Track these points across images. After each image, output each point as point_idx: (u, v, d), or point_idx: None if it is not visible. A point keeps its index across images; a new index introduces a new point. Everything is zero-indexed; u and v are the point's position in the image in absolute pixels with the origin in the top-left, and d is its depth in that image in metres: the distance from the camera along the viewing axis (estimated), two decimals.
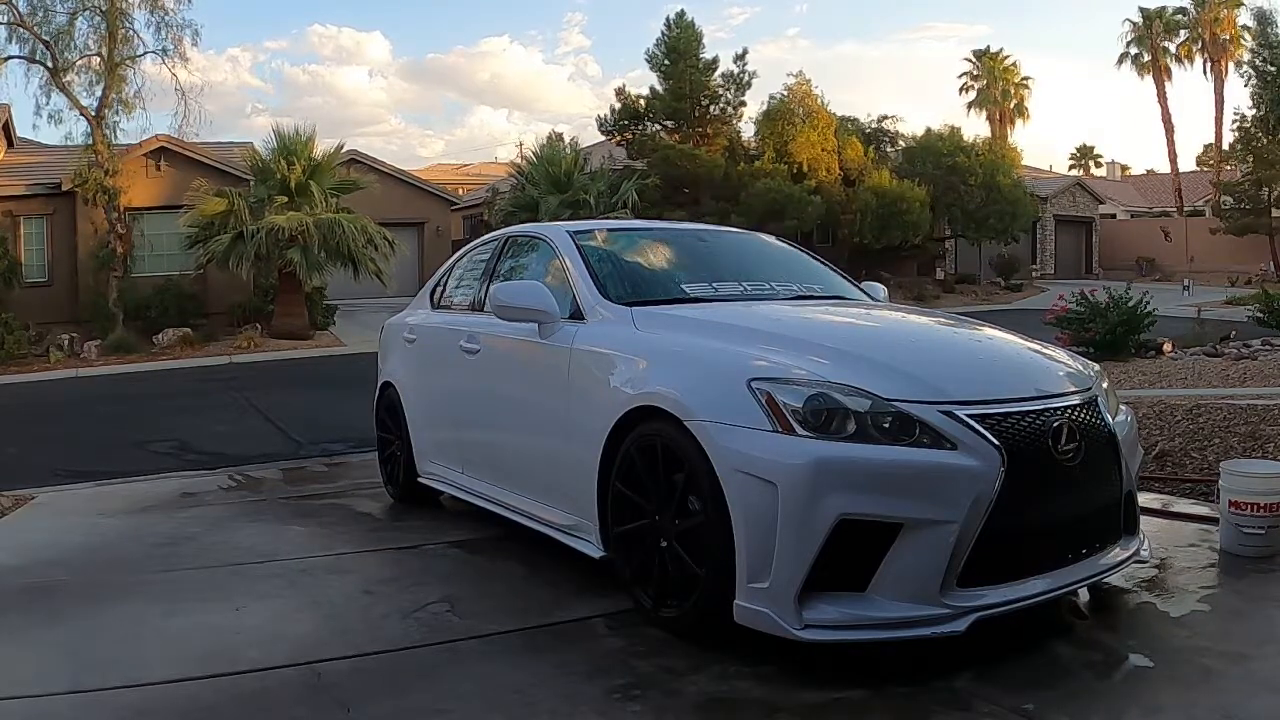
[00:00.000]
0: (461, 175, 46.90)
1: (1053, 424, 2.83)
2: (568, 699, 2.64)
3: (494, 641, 3.07)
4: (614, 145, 27.62)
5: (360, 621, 3.32)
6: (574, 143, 25.74)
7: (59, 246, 20.38)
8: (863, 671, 2.66)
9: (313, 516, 5.11)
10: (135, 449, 8.53)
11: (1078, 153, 54.60)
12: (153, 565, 4.17)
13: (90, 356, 17.71)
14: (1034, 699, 2.50)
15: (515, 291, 3.90)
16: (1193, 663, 2.73)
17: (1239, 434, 4.90)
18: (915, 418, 2.71)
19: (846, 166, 27.19)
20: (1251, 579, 3.41)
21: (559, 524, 3.64)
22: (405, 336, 5.25)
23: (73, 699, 2.73)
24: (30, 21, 18.95)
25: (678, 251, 4.39)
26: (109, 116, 19.37)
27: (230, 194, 18.36)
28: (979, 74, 42.19)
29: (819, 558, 2.61)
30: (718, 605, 2.77)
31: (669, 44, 26.69)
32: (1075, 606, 3.16)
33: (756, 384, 2.82)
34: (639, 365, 3.29)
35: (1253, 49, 29.42)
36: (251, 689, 2.76)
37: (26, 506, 5.68)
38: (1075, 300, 11.26)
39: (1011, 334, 3.58)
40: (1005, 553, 2.74)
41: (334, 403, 11.07)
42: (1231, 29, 36.08)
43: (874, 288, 4.60)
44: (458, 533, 4.42)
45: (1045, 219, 34.04)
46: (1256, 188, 28.06)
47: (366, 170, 24.57)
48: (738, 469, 2.73)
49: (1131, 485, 3.20)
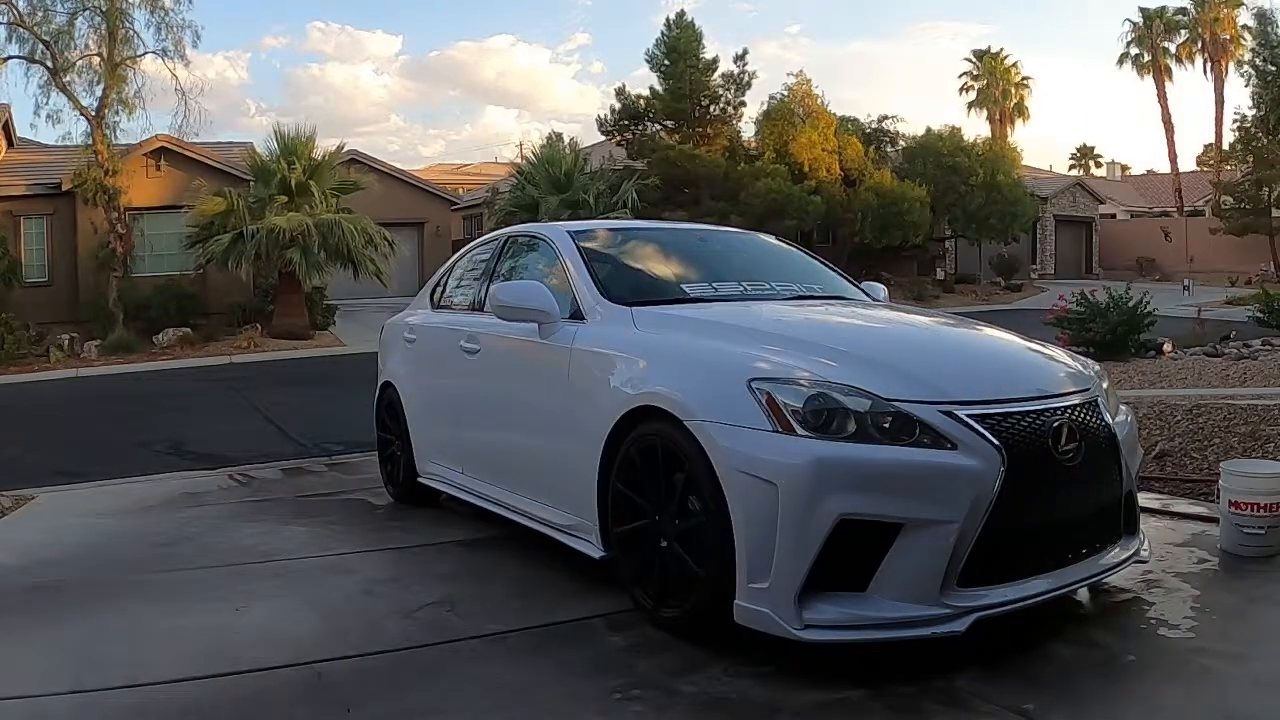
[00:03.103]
0: (462, 175, 46.90)
1: (1053, 424, 2.83)
2: (568, 699, 2.64)
3: (494, 641, 3.07)
4: (614, 145, 27.61)
5: (360, 621, 3.32)
6: (574, 143, 25.78)
7: (59, 246, 20.38)
8: (863, 671, 2.66)
9: (313, 516, 5.11)
10: (135, 449, 8.53)
11: (1078, 153, 54.59)
12: (153, 565, 4.17)
13: (90, 356, 17.72)
14: (1034, 699, 2.50)
15: (515, 291, 3.90)
16: (1193, 663, 2.73)
17: (1239, 434, 4.91)
18: (915, 418, 2.71)
19: (847, 166, 27.16)
20: (1251, 579, 3.41)
21: (559, 524, 3.64)
22: (405, 336, 5.25)
23: (73, 699, 2.73)
24: (30, 21, 18.97)
25: (678, 252, 4.39)
26: (109, 116, 19.38)
27: (230, 194, 18.36)
28: (979, 74, 42.18)
29: (819, 558, 2.61)
30: (718, 605, 2.77)
31: (669, 44, 26.68)
32: (1075, 606, 3.16)
33: (756, 384, 2.82)
34: (639, 365, 3.29)
35: (1253, 49, 29.38)
36: (252, 689, 2.76)
37: (26, 506, 5.68)
38: (1075, 300, 11.25)
39: (1011, 334, 3.58)
40: (1005, 553, 2.74)
41: (334, 403, 11.07)
42: (1231, 29, 36.07)
43: (874, 288, 4.60)
44: (458, 533, 4.42)
45: (1045, 219, 34.03)
46: (1256, 188, 28.04)
47: (366, 170, 24.58)
48: (738, 469, 2.73)
49: (1131, 485, 3.20)
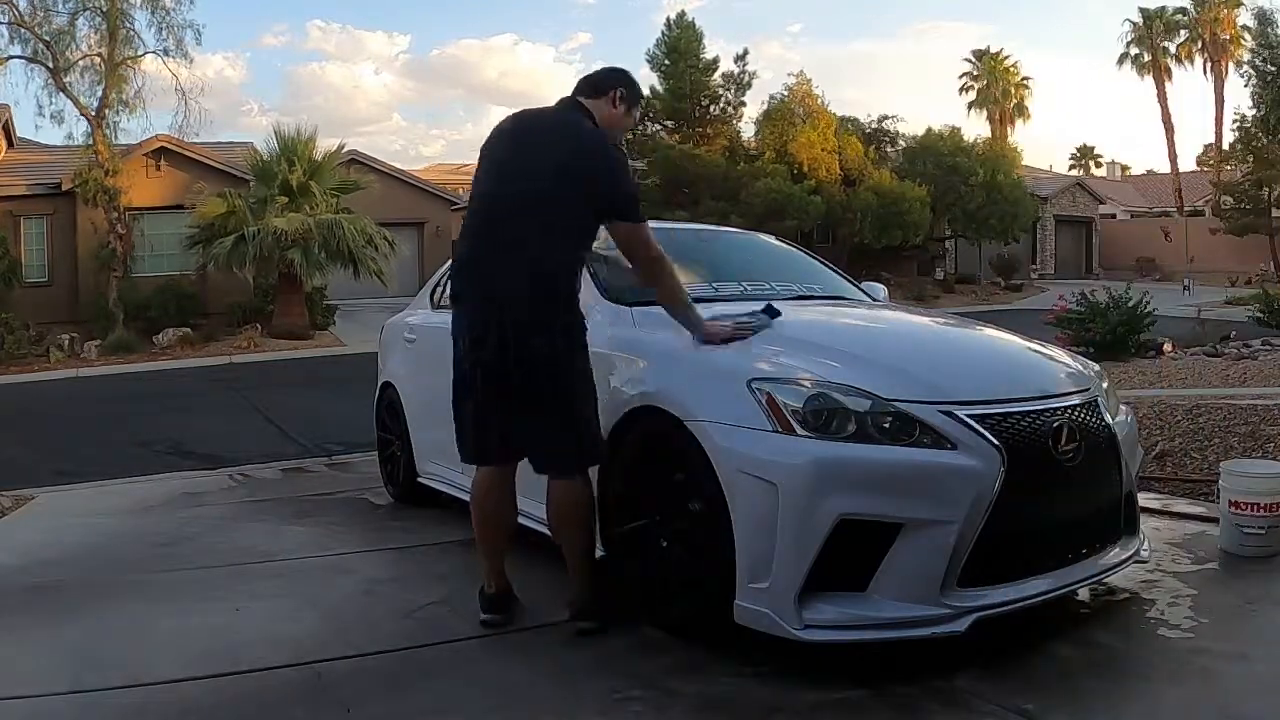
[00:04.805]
0: (463, 175, 46.79)
1: (1053, 424, 2.83)
2: (568, 699, 2.64)
3: (494, 641, 3.07)
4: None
5: (360, 621, 3.32)
6: None
7: (59, 246, 20.39)
8: (863, 671, 2.66)
9: (313, 516, 5.11)
10: (136, 449, 8.54)
11: (1078, 153, 54.58)
12: (153, 565, 4.17)
13: (90, 356, 17.72)
14: (1034, 699, 2.50)
15: None
16: (1193, 663, 2.72)
17: (1239, 434, 4.90)
18: (915, 418, 2.71)
19: (847, 166, 27.18)
20: (1251, 579, 3.41)
21: None
22: (405, 336, 5.25)
23: (73, 699, 2.73)
24: (31, 21, 18.99)
25: (678, 251, 4.33)
26: (109, 116, 19.42)
27: (230, 195, 18.37)
28: (979, 74, 42.19)
29: (819, 558, 2.61)
30: (718, 605, 2.77)
31: (670, 44, 26.72)
32: (1075, 606, 3.16)
33: (757, 384, 2.82)
34: (639, 365, 3.29)
35: (1253, 49, 29.39)
36: (252, 689, 2.76)
37: (26, 506, 5.68)
38: (1075, 300, 11.25)
39: (1011, 334, 3.58)
40: (1005, 553, 2.74)
41: (334, 403, 11.07)
42: (1231, 29, 36.08)
43: (874, 288, 4.59)
44: (458, 533, 4.42)
45: (1045, 219, 34.04)
46: (1256, 188, 28.05)
47: (366, 170, 24.57)
48: (738, 469, 2.73)
49: (1131, 485, 3.20)
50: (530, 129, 3.18)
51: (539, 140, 3.11)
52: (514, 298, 2.96)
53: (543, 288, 2.97)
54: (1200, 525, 3.98)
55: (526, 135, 3.16)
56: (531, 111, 3.28)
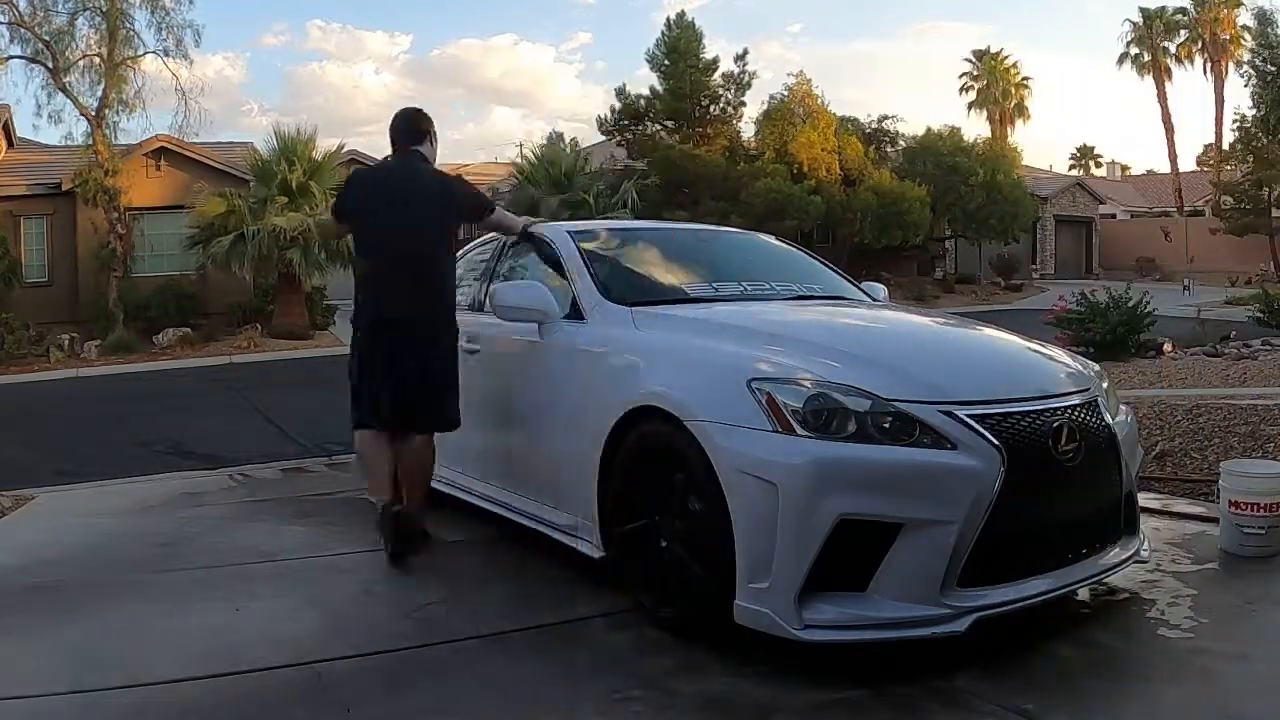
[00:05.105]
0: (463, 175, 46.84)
1: (1053, 424, 2.83)
2: (568, 698, 2.64)
3: (494, 641, 3.07)
4: (614, 145, 27.61)
5: (360, 621, 3.32)
6: (574, 142, 25.79)
7: (59, 246, 20.36)
8: (863, 671, 2.66)
9: (313, 516, 5.11)
10: (136, 449, 8.53)
11: (1078, 153, 54.54)
12: (153, 565, 4.17)
13: (90, 356, 17.70)
14: (1034, 699, 2.50)
15: (515, 292, 3.91)
16: (1193, 663, 2.73)
17: (1239, 434, 4.91)
18: (915, 418, 2.71)
19: (847, 166, 27.14)
20: (1251, 579, 3.41)
21: (559, 524, 3.64)
22: None
23: (73, 699, 2.73)
24: (30, 21, 18.96)
25: (678, 252, 4.39)
26: (109, 116, 19.39)
27: (230, 195, 18.36)
28: (979, 74, 42.16)
29: (819, 558, 2.61)
30: (718, 605, 2.77)
31: (669, 44, 26.68)
32: (1075, 606, 3.16)
33: (757, 384, 2.82)
34: (639, 365, 3.30)
35: (1253, 49, 29.37)
36: (252, 689, 2.76)
37: (26, 506, 5.67)
38: (1075, 300, 11.25)
39: (1011, 334, 3.59)
40: (1005, 553, 2.75)
41: (334, 403, 11.01)
42: (1231, 29, 36.06)
43: (874, 288, 4.60)
44: (458, 533, 4.42)
45: (1045, 219, 34.02)
46: (1256, 188, 28.03)
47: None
48: (738, 469, 2.73)
49: (1131, 485, 3.20)
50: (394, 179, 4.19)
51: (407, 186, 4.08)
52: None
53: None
54: (1200, 525, 3.98)
55: (397, 184, 4.11)
56: (385, 165, 4.42)
